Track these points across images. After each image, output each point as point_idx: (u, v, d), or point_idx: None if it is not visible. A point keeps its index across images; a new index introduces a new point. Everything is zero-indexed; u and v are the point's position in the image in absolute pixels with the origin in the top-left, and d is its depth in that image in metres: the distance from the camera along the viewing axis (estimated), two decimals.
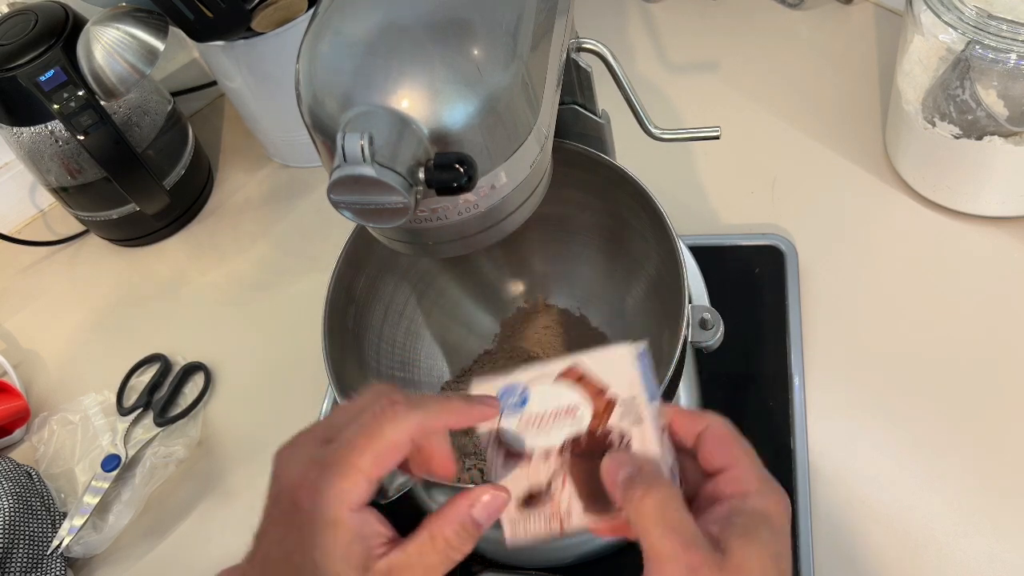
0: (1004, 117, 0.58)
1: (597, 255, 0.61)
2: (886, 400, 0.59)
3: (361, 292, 0.56)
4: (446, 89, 0.35)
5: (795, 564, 0.53)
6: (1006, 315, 0.61)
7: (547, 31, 0.41)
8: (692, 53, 0.86)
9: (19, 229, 0.94)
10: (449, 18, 0.36)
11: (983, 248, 0.65)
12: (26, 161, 0.79)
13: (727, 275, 0.67)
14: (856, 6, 0.84)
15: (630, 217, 0.55)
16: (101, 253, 0.88)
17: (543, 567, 0.57)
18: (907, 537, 0.53)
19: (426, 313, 0.62)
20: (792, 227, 0.70)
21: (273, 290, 0.80)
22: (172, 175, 0.84)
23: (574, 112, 0.54)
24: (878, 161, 0.72)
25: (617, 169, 0.53)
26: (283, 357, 0.74)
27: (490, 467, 0.34)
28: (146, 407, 0.72)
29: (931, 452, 0.56)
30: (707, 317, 0.48)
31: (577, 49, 0.49)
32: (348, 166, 0.32)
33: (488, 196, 0.39)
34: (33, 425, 0.75)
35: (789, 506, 0.33)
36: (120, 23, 0.69)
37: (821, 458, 0.57)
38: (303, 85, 0.37)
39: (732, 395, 0.61)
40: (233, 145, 0.95)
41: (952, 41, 0.57)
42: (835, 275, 0.66)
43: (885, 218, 0.68)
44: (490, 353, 0.64)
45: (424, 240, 0.41)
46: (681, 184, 0.75)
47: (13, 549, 0.62)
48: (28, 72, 0.70)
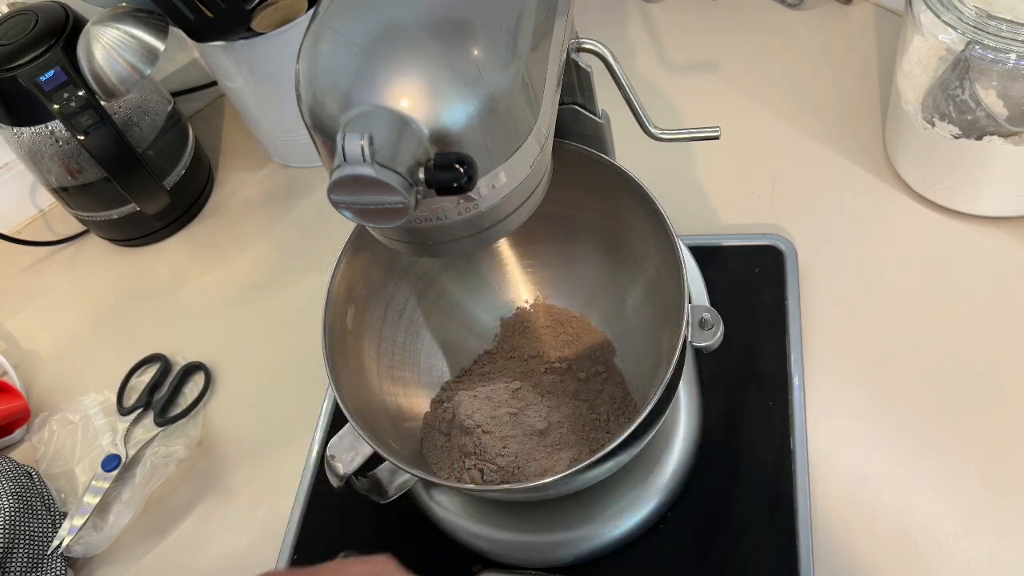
0: (1004, 117, 0.58)
1: (597, 255, 0.61)
2: (886, 400, 0.59)
3: (361, 292, 0.56)
4: (446, 89, 0.35)
5: (795, 564, 0.53)
6: (1006, 315, 0.61)
7: (547, 31, 0.41)
8: (692, 53, 0.86)
9: (19, 229, 0.94)
10: (449, 18, 0.36)
11: (983, 248, 0.65)
12: (26, 161, 0.79)
13: (727, 275, 0.67)
14: (856, 6, 0.84)
15: (630, 217, 0.55)
16: (101, 253, 0.88)
17: (543, 567, 0.57)
18: (907, 537, 0.53)
19: (426, 313, 0.62)
20: (792, 227, 0.70)
21: (273, 290, 0.80)
22: (172, 175, 0.84)
23: (574, 112, 0.54)
24: (878, 161, 0.72)
25: (617, 169, 0.53)
26: (283, 357, 0.74)
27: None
28: (146, 407, 0.72)
29: (931, 452, 0.56)
30: (707, 317, 0.48)
31: (577, 49, 0.49)
32: (348, 166, 0.32)
33: (488, 196, 0.39)
34: (33, 425, 0.75)
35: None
36: (120, 23, 0.69)
37: (821, 458, 0.57)
38: (303, 85, 0.37)
39: (732, 395, 0.61)
40: (233, 145, 0.95)
41: (952, 41, 0.57)
42: (835, 275, 0.66)
43: (885, 218, 0.68)
44: (490, 353, 0.64)
45: (424, 240, 0.41)
46: (681, 184, 0.75)
47: (13, 549, 0.62)
48: (28, 72, 0.70)
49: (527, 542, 0.57)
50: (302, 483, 0.65)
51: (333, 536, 0.62)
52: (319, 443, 0.67)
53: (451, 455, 0.56)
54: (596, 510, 0.57)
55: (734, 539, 0.55)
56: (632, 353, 0.61)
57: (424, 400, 0.61)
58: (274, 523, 0.64)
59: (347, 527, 0.62)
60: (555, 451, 0.55)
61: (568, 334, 0.63)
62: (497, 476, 0.54)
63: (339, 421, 0.61)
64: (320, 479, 0.65)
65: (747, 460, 0.58)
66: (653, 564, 0.56)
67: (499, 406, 0.57)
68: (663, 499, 0.57)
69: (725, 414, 0.61)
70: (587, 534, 0.56)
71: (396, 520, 0.62)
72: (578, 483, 0.50)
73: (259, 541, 0.63)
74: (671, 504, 0.57)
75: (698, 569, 0.55)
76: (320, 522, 0.63)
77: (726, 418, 0.60)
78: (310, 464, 0.66)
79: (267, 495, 0.66)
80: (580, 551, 0.56)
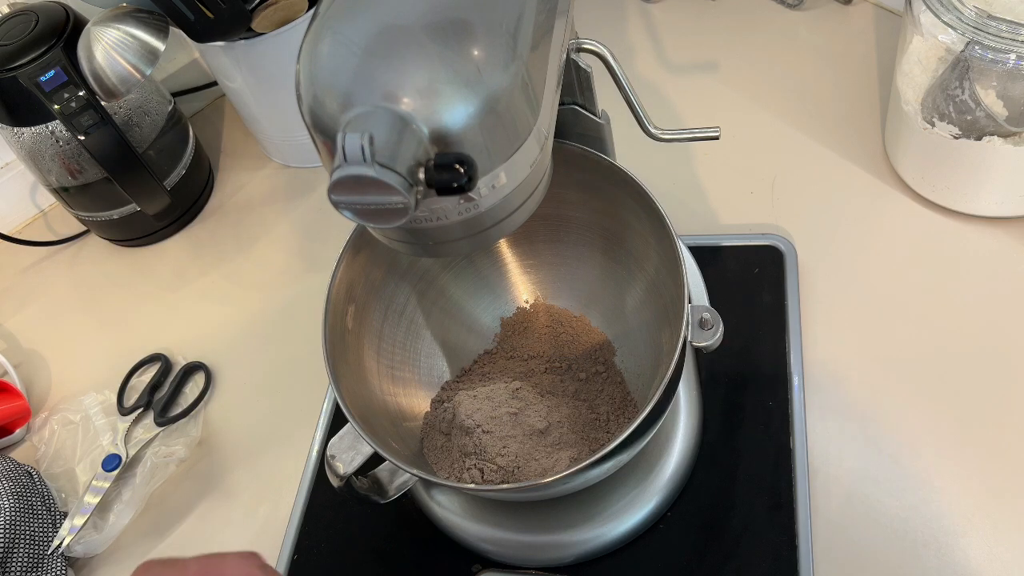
0: (1003, 117, 0.58)
1: (597, 255, 0.61)
2: (886, 400, 0.59)
3: (361, 292, 0.56)
4: (446, 89, 0.35)
5: (795, 564, 0.53)
6: (1005, 315, 0.61)
7: (547, 31, 0.41)
8: (692, 53, 0.86)
9: (20, 229, 0.94)
10: (449, 18, 0.36)
11: (982, 248, 0.65)
12: (27, 161, 0.79)
13: (727, 275, 0.67)
14: (855, 6, 0.84)
15: (630, 217, 0.55)
16: (102, 253, 0.88)
17: (543, 567, 0.57)
18: (907, 537, 0.54)
19: (426, 313, 0.62)
20: (792, 227, 0.70)
21: (273, 290, 0.80)
22: (173, 175, 0.84)
23: (574, 112, 0.54)
24: (877, 161, 0.72)
25: (617, 169, 0.53)
26: (283, 357, 0.74)
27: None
28: (147, 407, 0.72)
29: (931, 452, 0.56)
30: (707, 317, 0.48)
31: (577, 49, 0.50)
32: (348, 166, 0.32)
33: (488, 196, 0.39)
34: (34, 425, 0.75)
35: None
36: (120, 23, 0.69)
37: (821, 458, 0.58)
38: (303, 85, 0.37)
39: (732, 395, 0.61)
40: (233, 145, 0.95)
41: (951, 41, 0.57)
42: (834, 275, 0.66)
43: (884, 218, 0.68)
44: (490, 353, 0.64)
45: (424, 240, 0.41)
46: (681, 184, 0.75)
47: (14, 549, 0.62)
48: (29, 72, 0.70)
49: (527, 542, 0.57)
50: (302, 483, 0.65)
51: (333, 536, 0.62)
52: (319, 443, 0.67)
53: (451, 455, 0.56)
54: (596, 510, 0.57)
55: (734, 539, 0.55)
56: (632, 353, 0.61)
57: (424, 400, 0.61)
58: (274, 523, 0.64)
59: (347, 527, 0.62)
60: (555, 451, 0.55)
61: (568, 334, 0.63)
62: (497, 476, 0.54)
63: (339, 421, 0.61)
64: (320, 479, 0.65)
65: (747, 460, 0.58)
66: (653, 564, 0.56)
67: (499, 406, 0.57)
68: (663, 499, 0.57)
69: (725, 414, 0.61)
70: (587, 534, 0.56)
71: (396, 520, 0.62)
72: (578, 483, 0.50)
73: (259, 541, 0.64)
74: (671, 504, 0.57)
75: (698, 569, 0.55)
76: (320, 522, 0.63)
77: (726, 418, 0.60)
78: (310, 464, 0.66)
79: (267, 495, 0.66)
80: (580, 551, 0.56)
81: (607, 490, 0.57)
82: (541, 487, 0.48)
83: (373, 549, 0.61)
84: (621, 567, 0.56)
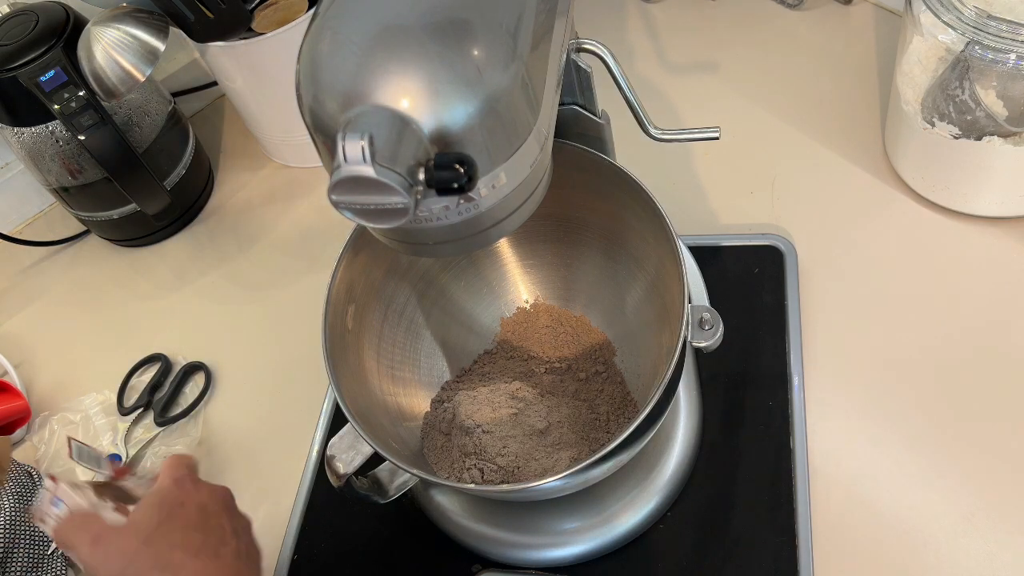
0: (1003, 117, 0.58)
1: (597, 255, 0.61)
2: (886, 400, 0.59)
3: (361, 292, 0.56)
4: (446, 89, 0.35)
5: (795, 564, 0.53)
6: (1005, 315, 0.61)
7: (547, 31, 0.41)
8: (692, 53, 0.86)
9: (20, 229, 0.94)
10: (449, 18, 0.36)
11: (982, 248, 0.65)
12: (27, 161, 0.79)
13: (727, 275, 0.67)
14: (855, 6, 0.84)
15: (630, 217, 0.55)
16: (101, 253, 0.88)
17: (543, 567, 0.57)
18: (907, 537, 0.53)
19: (426, 313, 0.62)
20: (792, 227, 0.70)
21: (273, 290, 0.80)
22: (173, 175, 0.84)
23: (574, 112, 0.54)
24: (877, 161, 0.72)
25: (617, 169, 0.53)
26: (283, 357, 0.74)
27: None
28: (147, 407, 0.72)
29: (931, 452, 0.56)
30: (707, 317, 0.48)
31: (577, 49, 0.50)
32: (348, 166, 0.32)
33: (488, 196, 0.39)
34: (34, 425, 0.75)
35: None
36: (121, 23, 0.69)
37: (821, 458, 0.58)
38: (303, 86, 0.38)
39: (732, 395, 0.61)
40: (233, 145, 0.95)
41: (951, 41, 0.57)
42: (834, 275, 0.66)
43: (884, 218, 0.68)
44: (490, 353, 0.64)
45: (424, 240, 0.41)
46: (681, 184, 0.75)
47: (14, 549, 0.62)
48: (29, 72, 0.70)
49: (527, 542, 0.57)
50: (302, 483, 0.65)
51: (333, 536, 0.62)
52: (319, 443, 0.67)
53: (451, 455, 0.56)
54: (596, 510, 0.57)
55: (734, 539, 0.55)
56: (632, 353, 0.61)
57: (424, 400, 0.61)
58: (274, 523, 0.64)
59: (347, 527, 0.62)
60: (555, 451, 0.55)
61: (568, 334, 0.63)
62: (497, 476, 0.54)
63: (339, 421, 0.61)
64: (320, 479, 0.65)
65: (747, 460, 0.58)
66: (653, 564, 0.56)
67: (499, 406, 0.57)
68: (663, 499, 0.57)
69: (725, 414, 0.61)
70: (587, 534, 0.56)
71: (396, 520, 0.62)
72: (578, 483, 0.50)
73: (259, 541, 0.63)
74: (671, 504, 0.57)
75: (698, 569, 0.55)
76: (320, 522, 0.63)
77: (726, 418, 0.60)
78: (310, 464, 0.66)
79: (267, 495, 0.66)
80: (580, 551, 0.56)
81: (607, 490, 0.57)
82: (541, 488, 0.48)
83: (373, 549, 0.61)
84: (621, 567, 0.56)
